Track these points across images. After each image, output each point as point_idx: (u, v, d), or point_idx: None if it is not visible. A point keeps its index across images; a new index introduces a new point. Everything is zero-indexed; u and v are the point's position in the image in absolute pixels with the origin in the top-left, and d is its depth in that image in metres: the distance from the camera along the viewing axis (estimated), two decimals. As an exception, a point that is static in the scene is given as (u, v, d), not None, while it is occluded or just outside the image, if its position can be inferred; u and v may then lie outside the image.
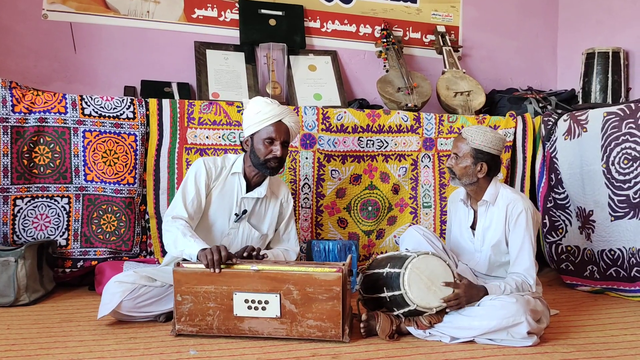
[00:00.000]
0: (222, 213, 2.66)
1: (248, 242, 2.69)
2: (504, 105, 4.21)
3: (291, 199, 2.86)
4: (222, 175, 2.67)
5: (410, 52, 4.49)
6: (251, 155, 2.63)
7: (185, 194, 2.57)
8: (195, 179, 2.61)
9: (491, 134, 2.56)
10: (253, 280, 2.26)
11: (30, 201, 3.07)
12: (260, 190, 2.69)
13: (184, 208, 2.53)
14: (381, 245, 3.62)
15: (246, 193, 2.67)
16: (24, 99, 3.03)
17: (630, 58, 4.18)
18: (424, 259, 2.34)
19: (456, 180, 2.62)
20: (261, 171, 2.65)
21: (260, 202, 2.74)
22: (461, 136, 2.60)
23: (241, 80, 3.91)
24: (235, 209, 2.67)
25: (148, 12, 3.92)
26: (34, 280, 2.86)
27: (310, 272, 2.25)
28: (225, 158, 2.73)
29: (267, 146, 2.58)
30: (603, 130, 3.31)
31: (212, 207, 2.65)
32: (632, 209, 3.15)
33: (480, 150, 2.54)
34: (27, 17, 3.68)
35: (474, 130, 2.57)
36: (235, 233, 2.68)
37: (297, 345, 2.26)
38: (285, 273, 2.25)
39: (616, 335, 2.49)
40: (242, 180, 2.67)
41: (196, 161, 2.69)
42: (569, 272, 3.54)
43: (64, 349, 2.19)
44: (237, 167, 2.68)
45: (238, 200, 2.67)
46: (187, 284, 2.28)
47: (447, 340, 2.32)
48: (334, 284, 2.22)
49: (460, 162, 2.58)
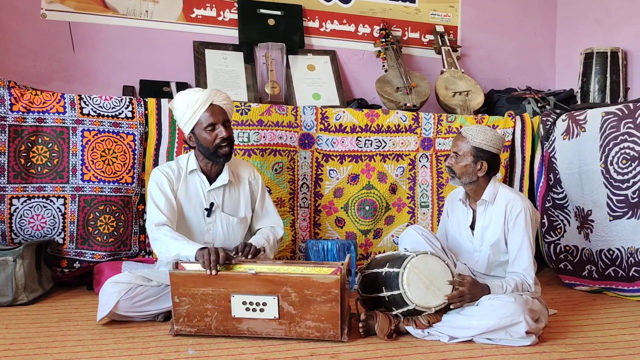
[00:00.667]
0: (194, 212, 2.66)
1: (229, 231, 2.69)
2: (502, 105, 4.22)
3: (258, 175, 2.85)
4: (182, 176, 2.66)
5: (409, 51, 4.49)
6: (200, 149, 2.62)
7: (157, 203, 2.56)
8: (159, 187, 2.59)
9: (491, 133, 2.56)
10: (251, 282, 2.25)
11: (27, 201, 3.06)
12: (223, 177, 2.69)
13: (161, 214, 2.53)
14: (379, 244, 3.61)
15: (210, 186, 2.67)
16: (23, 98, 3.03)
17: (629, 58, 4.18)
18: (423, 259, 2.34)
19: (456, 179, 2.62)
20: (214, 161, 2.64)
21: (229, 189, 2.73)
22: (461, 135, 2.60)
23: (240, 80, 3.90)
24: (205, 205, 2.67)
25: (147, 12, 3.92)
26: (32, 280, 2.86)
27: (308, 275, 2.24)
28: (178, 159, 2.73)
29: (211, 132, 2.58)
30: (602, 130, 3.32)
31: (184, 210, 2.65)
32: (630, 208, 3.15)
33: (480, 149, 2.55)
34: (25, 17, 3.68)
35: (474, 129, 2.57)
36: (214, 227, 2.68)
37: (295, 344, 2.26)
38: (283, 276, 2.24)
39: (614, 335, 2.49)
40: (202, 176, 2.66)
41: (152, 172, 2.69)
42: (567, 271, 3.54)
43: (62, 348, 2.18)
44: (191, 164, 2.67)
45: (205, 195, 2.67)
46: (183, 286, 2.26)
47: (445, 340, 2.32)
48: (332, 287, 2.21)
49: (460, 161, 2.58)
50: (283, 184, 3.41)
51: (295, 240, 3.44)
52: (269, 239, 2.69)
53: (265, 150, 3.36)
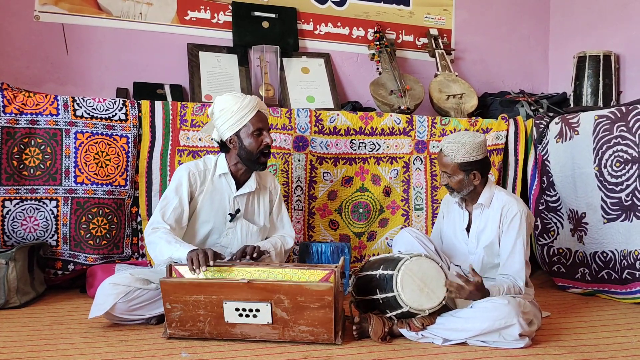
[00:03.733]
0: (215, 215, 2.66)
1: (248, 238, 2.69)
2: (496, 108, 4.23)
3: (278, 184, 2.89)
4: (208, 177, 2.66)
5: (403, 54, 4.50)
6: (241, 153, 2.62)
7: (166, 205, 2.56)
8: (177, 189, 2.60)
9: (470, 144, 2.53)
10: (243, 290, 2.22)
11: (19, 203, 3.05)
12: (250, 184, 2.70)
13: (161, 219, 2.53)
14: (372, 247, 3.62)
15: (237, 191, 2.67)
16: (16, 100, 3.02)
17: (621, 62, 4.21)
18: (417, 261, 2.34)
19: (455, 193, 2.64)
20: (252, 167, 2.66)
21: (252, 197, 2.74)
22: (443, 154, 2.60)
23: (234, 82, 3.90)
24: (229, 209, 2.66)
25: (141, 14, 3.91)
26: (24, 283, 2.84)
27: (301, 283, 2.22)
28: (206, 159, 2.72)
29: (257, 138, 2.59)
30: (595, 133, 3.33)
31: (204, 211, 2.64)
32: (624, 211, 3.16)
33: (466, 163, 2.56)
34: (19, 19, 3.67)
35: (453, 146, 2.55)
36: (234, 232, 2.68)
37: (289, 347, 2.25)
38: (275, 284, 2.22)
39: (607, 337, 2.50)
40: (231, 180, 2.67)
41: (179, 169, 2.67)
42: (560, 274, 3.55)
43: (54, 351, 2.17)
44: (222, 167, 2.67)
45: (231, 200, 2.67)
46: (175, 294, 2.24)
47: (439, 342, 2.33)
48: (325, 294, 2.19)
49: (453, 178, 2.60)
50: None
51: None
52: (277, 245, 2.70)
53: (259, 153, 3.36)
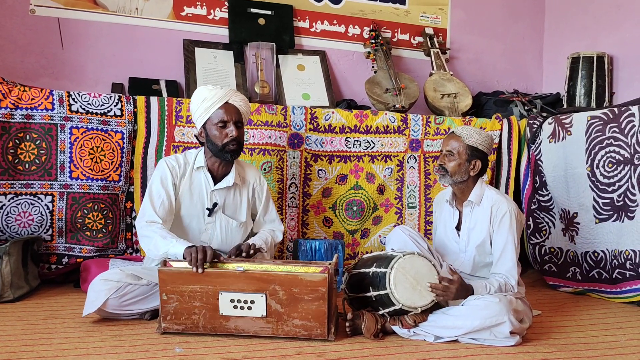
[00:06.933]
0: (195, 210, 2.66)
1: (227, 233, 2.69)
2: (490, 108, 4.25)
3: (264, 180, 2.86)
4: (187, 171, 2.65)
5: (398, 53, 4.51)
6: (209, 145, 2.62)
7: (153, 198, 2.56)
8: (162, 181, 2.59)
9: (484, 133, 2.64)
10: (239, 280, 2.26)
11: (14, 198, 3.04)
12: (229, 179, 2.68)
13: (154, 213, 2.52)
14: (366, 244, 3.64)
15: (214, 185, 2.67)
16: (11, 94, 3.01)
17: (615, 63, 4.23)
18: (410, 259, 2.36)
19: (447, 177, 2.63)
20: (221, 158, 2.63)
21: (233, 191, 2.73)
22: (455, 134, 2.63)
23: (230, 78, 3.90)
24: (207, 204, 2.66)
25: (137, 9, 3.91)
26: (18, 277, 2.84)
27: (296, 273, 2.25)
28: (187, 154, 2.72)
29: (221, 130, 2.58)
30: (587, 134, 3.36)
31: (184, 206, 2.64)
32: (615, 211, 3.19)
33: (475, 148, 2.59)
34: (14, 13, 3.65)
35: (469, 128, 2.63)
36: (213, 227, 2.68)
37: (282, 343, 2.27)
38: (271, 274, 2.25)
39: (596, 336, 2.53)
40: (207, 174, 2.66)
41: (159, 163, 2.68)
42: (551, 273, 3.58)
43: (48, 345, 2.18)
44: (199, 161, 2.67)
45: (208, 194, 2.66)
46: (172, 284, 2.27)
47: (431, 340, 2.34)
48: (319, 285, 2.23)
49: (454, 159, 2.61)
50: (272, 183, 3.42)
51: (284, 239, 3.45)
52: (267, 240, 2.70)
53: (254, 150, 3.37)
